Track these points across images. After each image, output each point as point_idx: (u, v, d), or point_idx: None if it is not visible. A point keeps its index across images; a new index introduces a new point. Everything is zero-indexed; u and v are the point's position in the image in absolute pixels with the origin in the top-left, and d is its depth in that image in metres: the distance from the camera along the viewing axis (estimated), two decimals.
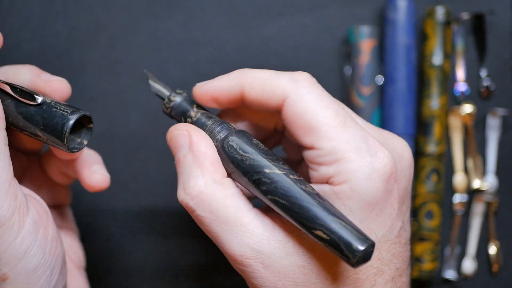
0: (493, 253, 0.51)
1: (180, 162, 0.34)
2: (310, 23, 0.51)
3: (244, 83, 0.34)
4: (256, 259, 0.32)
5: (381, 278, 0.33)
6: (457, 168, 0.51)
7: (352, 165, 0.31)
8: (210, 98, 0.36)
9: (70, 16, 0.50)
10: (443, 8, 0.50)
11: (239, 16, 0.51)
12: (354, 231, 0.29)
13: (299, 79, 0.33)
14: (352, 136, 0.32)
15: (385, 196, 0.32)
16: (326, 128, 0.32)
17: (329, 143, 0.31)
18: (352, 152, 0.31)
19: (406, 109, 0.49)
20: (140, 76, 0.50)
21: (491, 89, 0.51)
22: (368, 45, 0.49)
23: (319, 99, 0.32)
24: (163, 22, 0.51)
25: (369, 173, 0.31)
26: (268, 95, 0.33)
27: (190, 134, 0.34)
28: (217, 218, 0.32)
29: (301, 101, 0.32)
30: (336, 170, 0.31)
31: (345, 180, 0.31)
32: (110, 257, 0.50)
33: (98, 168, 0.38)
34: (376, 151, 0.32)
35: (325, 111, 0.32)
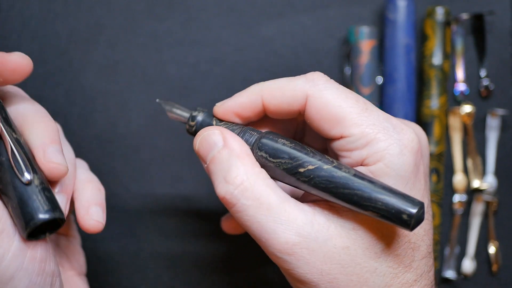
0: (493, 253, 0.51)
1: (215, 159, 0.34)
2: (310, 23, 0.51)
3: (263, 94, 0.36)
4: (302, 245, 0.32)
5: (418, 253, 0.34)
6: (456, 168, 0.51)
7: (383, 144, 0.33)
8: (232, 115, 0.37)
9: (70, 16, 0.50)
10: (442, 9, 0.50)
11: (239, 16, 0.51)
12: (404, 198, 0.31)
13: (314, 78, 0.35)
14: (377, 118, 0.33)
15: (415, 171, 0.33)
16: (351, 116, 0.33)
17: (358, 129, 0.33)
18: (380, 133, 0.33)
19: (405, 109, 0.49)
20: (142, 79, 0.50)
21: (490, 89, 0.51)
22: (368, 45, 0.49)
23: (338, 92, 0.34)
24: (163, 22, 0.51)
25: (400, 148, 0.33)
26: (289, 100, 0.35)
27: (222, 132, 0.35)
28: (262, 205, 0.33)
29: (322, 97, 0.34)
30: (369, 151, 0.33)
31: (379, 158, 0.33)
32: (110, 258, 0.50)
33: (94, 212, 0.37)
34: (402, 128, 0.34)
35: (347, 101, 0.34)
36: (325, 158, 0.33)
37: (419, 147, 0.34)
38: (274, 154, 0.34)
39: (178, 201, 0.51)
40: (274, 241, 0.33)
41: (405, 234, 0.33)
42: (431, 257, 0.35)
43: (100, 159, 0.50)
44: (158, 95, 0.50)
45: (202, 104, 0.50)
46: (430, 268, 0.35)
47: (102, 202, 0.38)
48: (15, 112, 0.35)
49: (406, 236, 0.33)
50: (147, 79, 0.50)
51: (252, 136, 0.35)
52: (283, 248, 0.33)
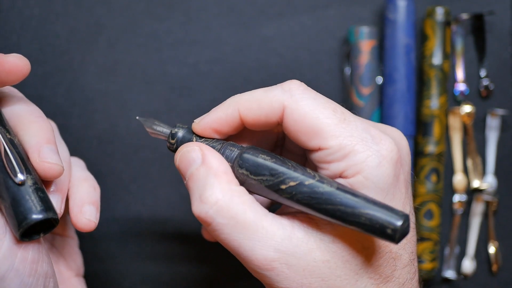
0: (493, 253, 0.51)
1: (193, 176, 0.34)
2: (310, 23, 0.51)
3: (240, 108, 0.35)
4: (281, 260, 0.32)
5: (400, 262, 0.34)
6: (456, 168, 0.51)
7: (361, 156, 0.32)
8: (211, 131, 0.36)
9: (70, 16, 0.50)
10: (442, 9, 0.50)
11: (239, 16, 0.51)
12: (388, 211, 0.30)
13: (291, 88, 0.34)
14: (355, 129, 0.33)
15: (395, 181, 0.33)
16: (329, 127, 0.33)
17: (336, 141, 0.32)
18: (358, 144, 0.32)
19: (405, 109, 0.49)
20: (142, 79, 0.51)
21: (490, 89, 0.51)
22: (368, 46, 0.49)
23: (315, 102, 0.33)
24: (163, 22, 0.51)
25: (379, 160, 0.32)
26: (266, 112, 0.34)
27: (201, 148, 0.34)
28: (237, 224, 0.32)
29: (299, 108, 0.33)
30: (347, 163, 0.32)
31: (358, 171, 0.32)
32: (110, 259, 0.50)
33: (87, 211, 0.36)
34: (380, 139, 0.33)
35: (324, 112, 0.33)
36: (306, 173, 0.32)
37: (399, 156, 0.33)
38: (255, 171, 0.33)
39: (178, 201, 0.51)
40: (253, 258, 0.32)
41: (386, 245, 0.33)
42: (414, 264, 0.35)
43: (100, 159, 0.50)
44: (158, 95, 0.50)
45: (202, 104, 0.50)
46: (413, 275, 0.34)
47: (96, 201, 0.37)
48: (10, 113, 0.35)
49: (387, 246, 0.33)
50: (147, 79, 0.50)
51: (232, 152, 0.35)
52: (262, 265, 0.32)
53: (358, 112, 0.49)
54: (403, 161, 0.34)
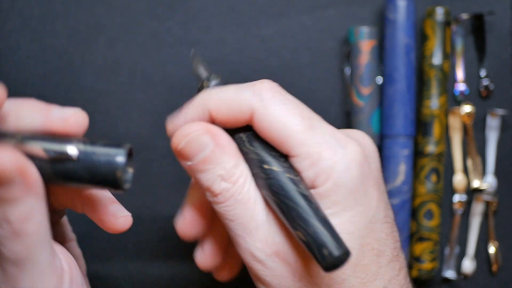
0: (493, 253, 0.51)
1: (207, 159, 0.34)
2: (310, 23, 0.51)
3: (209, 107, 0.34)
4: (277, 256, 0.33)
5: (384, 258, 0.34)
6: (456, 168, 0.51)
7: (329, 162, 0.32)
8: None
9: (70, 16, 0.50)
10: (442, 9, 0.50)
11: (239, 16, 0.51)
12: (333, 237, 0.30)
13: (262, 91, 0.34)
14: (322, 135, 0.33)
15: (364, 180, 0.33)
16: (296, 135, 0.33)
17: (303, 149, 0.33)
18: (325, 151, 0.32)
19: (405, 109, 0.49)
20: (142, 79, 0.50)
21: (490, 89, 0.51)
22: (368, 46, 0.49)
23: (283, 107, 0.33)
24: (163, 22, 0.51)
25: (347, 163, 0.32)
26: (235, 114, 0.34)
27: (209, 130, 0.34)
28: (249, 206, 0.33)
29: (268, 114, 0.33)
30: (316, 171, 0.32)
31: (327, 178, 0.32)
32: (110, 259, 0.50)
33: (117, 210, 0.36)
34: (346, 142, 0.33)
35: (292, 119, 0.33)
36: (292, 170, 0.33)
37: (364, 156, 0.33)
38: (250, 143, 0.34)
39: (178, 201, 0.51)
40: (251, 245, 0.33)
41: (368, 242, 0.33)
42: (399, 260, 0.35)
43: None
44: (158, 95, 0.50)
45: None
46: (399, 272, 0.34)
47: (114, 199, 0.37)
48: None
49: (369, 244, 0.33)
50: (147, 79, 0.50)
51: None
52: (257, 254, 0.33)
53: (358, 112, 0.49)
54: (370, 159, 0.34)
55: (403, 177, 0.49)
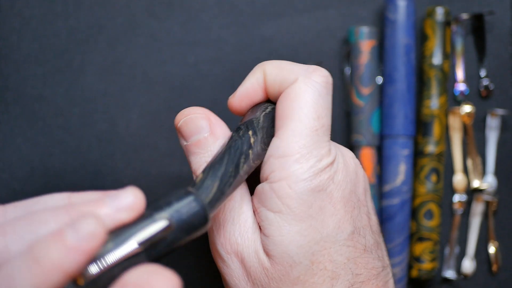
0: (493, 253, 0.51)
1: (200, 143, 0.35)
2: (310, 23, 0.51)
3: (265, 68, 0.35)
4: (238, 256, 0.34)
5: (338, 282, 0.33)
6: (456, 168, 0.51)
7: (291, 165, 0.33)
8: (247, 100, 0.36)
9: (70, 16, 0.50)
10: (442, 9, 0.50)
11: (239, 16, 0.51)
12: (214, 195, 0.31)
13: (313, 74, 0.34)
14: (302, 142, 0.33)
15: (322, 196, 0.33)
16: (288, 126, 0.33)
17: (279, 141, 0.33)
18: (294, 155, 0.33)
19: (405, 109, 0.49)
20: (142, 79, 0.50)
21: (490, 89, 0.51)
22: (368, 46, 0.49)
23: (311, 100, 0.33)
24: (163, 22, 0.51)
25: (306, 173, 0.33)
26: (281, 79, 0.35)
27: (209, 117, 0.35)
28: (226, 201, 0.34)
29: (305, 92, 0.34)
30: (278, 166, 0.33)
31: (284, 177, 0.33)
32: None
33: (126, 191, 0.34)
34: (318, 154, 0.33)
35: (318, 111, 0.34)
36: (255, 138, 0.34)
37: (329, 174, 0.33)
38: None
39: None
40: (216, 239, 0.34)
41: (320, 261, 0.33)
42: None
43: (100, 159, 0.50)
44: (158, 95, 0.50)
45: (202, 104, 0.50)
46: None
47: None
48: None
49: (321, 262, 0.33)
50: (147, 79, 0.50)
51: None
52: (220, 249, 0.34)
53: (358, 112, 0.49)
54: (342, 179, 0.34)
55: (403, 177, 0.49)
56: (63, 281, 0.24)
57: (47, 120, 0.50)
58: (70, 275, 0.24)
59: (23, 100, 0.50)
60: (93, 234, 0.24)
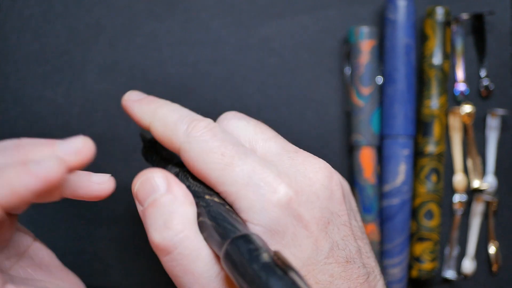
0: (493, 253, 0.51)
1: (157, 203, 0.33)
2: (310, 23, 0.51)
3: (152, 121, 0.36)
4: None
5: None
6: (456, 168, 0.51)
7: (245, 202, 0.32)
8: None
9: (70, 16, 0.50)
10: (442, 9, 0.50)
11: (239, 16, 0.51)
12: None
13: (192, 131, 0.34)
14: (241, 174, 0.32)
15: (292, 221, 0.32)
16: (214, 174, 0.33)
17: (223, 187, 0.33)
18: (243, 190, 0.32)
19: (405, 109, 0.49)
20: (142, 79, 0.50)
21: (490, 89, 0.51)
22: (368, 46, 0.49)
23: (205, 145, 0.33)
24: (163, 22, 0.51)
25: (263, 204, 0.32)
26: (167, 142, 0.35)
27: (166, 176, 0.34)
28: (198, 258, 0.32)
29: (190, 152, 0.33)
30: (238, 209, 0.32)
31: (246, 218, 0.32)
32: (110, 259, 0.50)
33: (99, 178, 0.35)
34: (266, 182, 0.32)
35: (211, 157, 0.33)
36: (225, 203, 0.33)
37: (290, 198, 0.32)
38: (193, 178, 0.35)
39: None
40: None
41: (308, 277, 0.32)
42: None
43: (100, 159, 0.50)
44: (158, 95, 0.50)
45: (201, 104, 0.50)
46: None
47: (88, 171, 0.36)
48: None
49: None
50: (147, 79, 0.50)
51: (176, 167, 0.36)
52: None
53: (358, 112, 0.49)
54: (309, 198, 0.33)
55: (403, 177, 0.49)
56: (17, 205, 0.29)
57: (47, 120, 0.50)
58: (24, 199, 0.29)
59: (23, 100, 0.50)
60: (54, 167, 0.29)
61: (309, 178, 0.34)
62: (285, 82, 0.51)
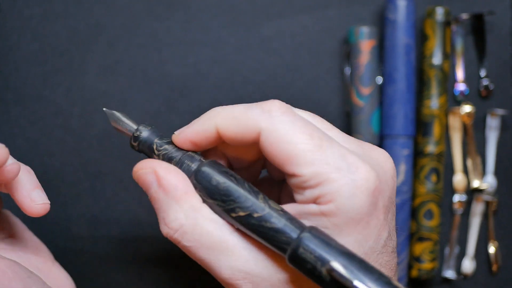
0: (493, 253, 0.51)
1: (154, 199, 0.34)
2: (310, 23, 0.51)
3: (217, 123, 0.34)
4: (246, 280, 0.32)
5: None
6: (456, 168, 0.51)
7: (335, 185, 0.31)
8: (190, 144, 0.35)
9: (70, 16, 0.50)
10: (442, 9, 0.50)
11: (239, 16, 0.51)
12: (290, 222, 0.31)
13: (271, 110, 0.33)
14: (331, 156, 0.32)
15: (371, 210, 0.32)
16: (303, 154, 0.32)
17: (310, 169, 0.32)
18: (333, 173, 0.31)
19: (405, 109, 0.49)
20: (142, 79, 0.50)
21: (490, 89, 0.51)
22: (368, 46, 0.49)
23: (292, 126, 0.32)
24: (163, 22, 0.51)
25: (353, 190, 0.31)
26: (243, 131, 0.33)
27: (155, 170, 0.34)
28: (203, 245, 0.33)
29: (275, 131, 0.32)
30: (320, 192, 0.32)
31: (330, 199, 0.32)
32: (110, 258, 0.50)
33: (37, 197, 0.36)
34: (357, 167, 0.32)
35: (300, 137, 0.32)
36: (258, 202, 0.32)
37: (377, 185, 0.32)
38: (207, 193, 0.33)
39: None
40: (219, 275, 0.33)
41: None
42: None
43: (100, 159, 0.50)
44: (158, 95, 0.50)
45: (202, 104, 0.50)
46: None
47: (38, 183, 0.37)
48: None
49: None
50: (147, 79, 0.50)
51: (189, 167, 0.34)
52: (228, 282, 0.33)
53: (358, 112, 0.49)
54: (384, 187, 0.33)
55: (403, 177, 0.49)
56: None
57: (47, 120, 0.50)
58: None
59: (23, 100, 0.50)
60: None
61: (381, 167, 0.34)
62: (285, 82, 0.51)
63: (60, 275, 0.41)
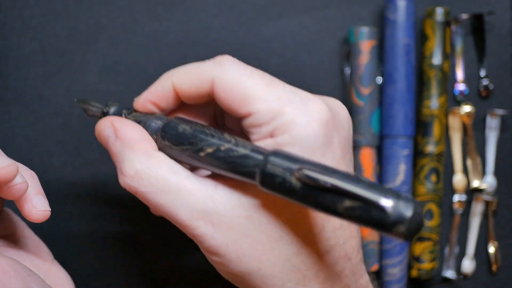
0: (492, 253, 0.51)
1: (112, 152, 0.36)
2: (310, 23, 0.51)
3: (173, 80, 0.36)
4: (204, 219, 0.33)
5: (330, 224, 0.34)
6: (456, 168, 0.51)
7: (289, 116, 0.33)
8: (150, 105, 0.37)
9: (70, 16, 0.50)
10: (442, 9, 0.50)
11: (239, 16, 0.51)
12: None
13: (221, 61, 0.35)
14: (282, 92, 0.34)
15: (325, 141, 0.33)
16: (256, 92, 0.33)
17: (264, 104, 0.33)
18: (286, 106, 0.33)
19: (405, 109, 0.49)
20: (142, 79, 0.50)
21: (490, 89, 0.51)
22: (368, 46, 0.49)
23: (243, 70, 0.34)
24: (163, 22, 0.51)
25: (306, 119, 0.33)
26: (197, 84, 0.35)
27: (113, 123, 0.36)
28: (159, 190, 0.34)
29: (227, 77, 0.34)
30: (276, 124, 0.33)
31: (285, 130, 0.33)
32: (110, 258, 0.50)
33: (38, 203, 0.36)
34: (309, 99, 0.33)
35: (251, 78, 0.34)
36: (223, 138, 0.33)
37: (330, 117, 0.33)
38: (175, 141, 0.34)
39: None
40: (178, 219, 0.34)
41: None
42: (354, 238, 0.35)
43: (100, 159, 0.50)
44: None
45: None
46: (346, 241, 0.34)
47: (40, 189, 0.38)
48: None
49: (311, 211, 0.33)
50: (147, 79, 0.50)
51: (157, 124, 0.36)
52: (187, 225, 0.34)
53: (358, 112, 0.49)
54: (339, 125, 0.34)
55: (403, 177, 0.49)
56: None
57: (47, 120, 0.50)
58: None
59: (23, 100, 0.50)
60: None
61: (334, 107, 0.35)
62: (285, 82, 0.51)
63: (60, 274, 0.41)
